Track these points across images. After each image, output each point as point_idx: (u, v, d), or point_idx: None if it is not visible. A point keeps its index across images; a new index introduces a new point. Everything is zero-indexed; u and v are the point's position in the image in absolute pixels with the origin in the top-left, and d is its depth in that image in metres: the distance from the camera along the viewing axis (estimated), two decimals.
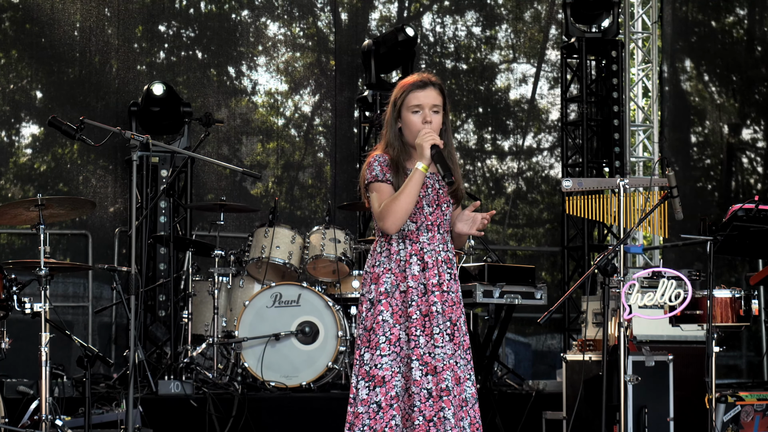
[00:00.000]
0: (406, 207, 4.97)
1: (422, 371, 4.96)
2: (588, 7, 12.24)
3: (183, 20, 11.67)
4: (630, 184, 7.40)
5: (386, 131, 5.14)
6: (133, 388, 5.81)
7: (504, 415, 8.79)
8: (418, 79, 5.12)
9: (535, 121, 13.10)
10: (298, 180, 12.17)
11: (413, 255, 5.04)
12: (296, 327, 8.98)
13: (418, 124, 5.05)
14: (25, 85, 11.08)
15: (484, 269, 8.52)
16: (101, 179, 11.04)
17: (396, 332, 5.00)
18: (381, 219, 5.00)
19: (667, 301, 6.70)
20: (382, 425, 4.94)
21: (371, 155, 5.13)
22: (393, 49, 11.45)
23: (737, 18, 13.82)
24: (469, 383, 5.05)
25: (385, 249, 5.08)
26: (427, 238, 5.07)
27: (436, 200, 5.10)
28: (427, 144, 4.97)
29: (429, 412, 4.93)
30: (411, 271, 5.03)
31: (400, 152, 5.09)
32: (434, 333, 4.98)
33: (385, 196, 5.02)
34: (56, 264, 7.12)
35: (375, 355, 4.98)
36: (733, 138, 13.44)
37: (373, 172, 5.05)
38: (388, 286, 5.04)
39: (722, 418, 7.53)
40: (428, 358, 4.96)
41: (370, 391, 4.97)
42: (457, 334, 5.04)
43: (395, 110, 5.12)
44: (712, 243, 7.07)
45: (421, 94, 5.07)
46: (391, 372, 4.97)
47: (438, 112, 5.09)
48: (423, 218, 5.07)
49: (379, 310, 5.01)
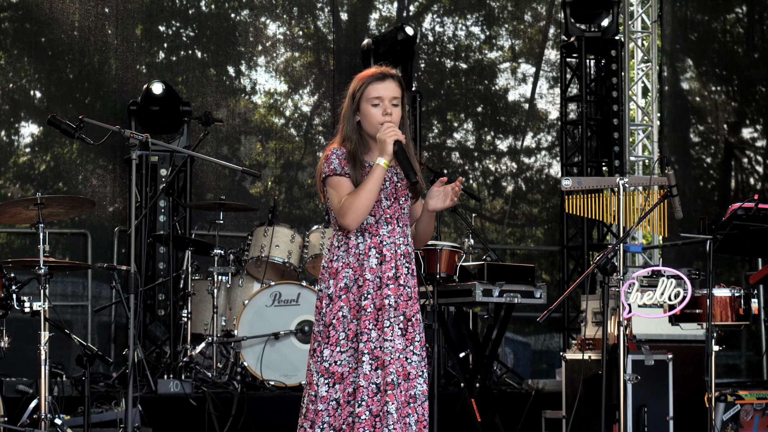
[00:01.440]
0: (367, 203, 4.90)
1: (372, 365, 4.89)
2: (587, 6, 12.24)
3: (182, 20, 11.68)
4: (629, 183, 7.40)
5: (343, 124, 5.07)
6: (132, 387, 5.80)
7: (503, 415, 8.79)
8: (377, 71, 5.06)
9: (534, 121, 13.10)
10: (297, 179, 12.17)
11: (372, 248, 4.96)
12: (295, 326, 8.98)
13: (378, 117, 4.99)
14: (25, 84, 11.08)
15: (484, 268, 8.51)
16: (101, 178, 11.04)
17: (353, 327, 4.93)
18: (341, 215, 4.93)
19: (666, 300, 6.70)
20: (340, 422, 4.89)
21: (328, 148, 5.04)
22: (392, 48, 11.45)
23: (737, 17, 13.82)
24: (421, 380, 4.96)
25: (343, 243, 5.00)
26: (387, 231, 4.99)
27: (394, 193, 5.03)
28: (390, 140, 4.90)
29: (376, 407, 4.86)
30: (369, 264, 4.95)
31: (358, 145, 5.02)
32: (384, 326, 4.91)
33: (344, 190, 4.95)
34: (55, 263, 7.11)
35: (335, 352, 4.92)
36: (733, 137, 13.44)
37: (331, 166, 4.97)
38: (347, 281, 4.96)
39: (722, 417, 7.53)
40: (378, 353, 4.89)
41: (330, 388, 4.91)
42: (410, 330, 4.96)
43: (353, 103, 5.06)
44: (712, 242, 7.06)
45: (381, 87, 5.02)
46: (349, 368, 4.91)
47: (397, 105, 5.02)
48: (381, 211, 5.00)
49: (339, 306, 4.94)
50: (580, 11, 12.25)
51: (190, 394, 8.31)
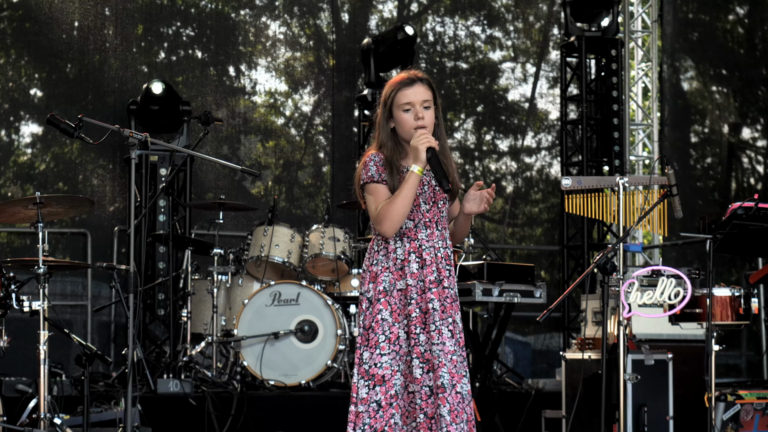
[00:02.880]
0: (402, 210, 4.95)
1: (423, 369, 4.96)
2: (588, 5, 12.23)
3: (183, 19, 11.67)
4: (629, 183, 7.39)
5: (378, 132, 5.11)
6: (131, 387, 5.80)
7: (503, 414, 8.79)
8: (405, 76, 5.09)
9: (534, 121, 13.09)
10: (297, 179, 12.16)
11: (411, 253, 5.03)
12: (295, 326, 8.98)
13: (410, 122, 5.02)
14: (25, 83, 11.08)
15: (484, 268, 8.51)
16: (101, 178, 11.04)
17: (395, 331, 4.99)
18: (378, 222, 4.99)
19: (666, 299, 6.69)
20: (382, 424, 4.93)
21: (366, 155, 5.09)
22: (392, 47, 11.44)
23: (737, 17, 13.82)
24: (465, 380, 5.03)
25: (382, 247, 5.07)
26: (426, 235, 5.05)
27: (432, 197, 5.07)
28: (423, 147, 4.94)
29: (431, 410, 4.94)
30: (410, 269, 5.01)
31: (394, 151, 5.06)
32: (431, 330, 4.97)
33: (381, 197, 5.00)
34: (55, 262, 7.11)
35: (375, 354, 4.97)
36: (733, 137, 13.43)
37: (369, 173, 5.02)
38: (386, 285, 5.02)
39: (722, 417, 7.52)
40: (429, 356, 4.96)
41: (370, 390, 4.96)
42: (456, 331, 5.04)
43: (386, 110, 5.09)
44: (712, 241, 7.06)
45: (410, 92, 5.04)
46: (391, 371, 4.96)
47: (429, 108, 5.05)
48: (420, 215, 5.05)
49: (378, 309, 5.00)
50: (581, 11, 12.25)
51: (189, 394, 8.31)
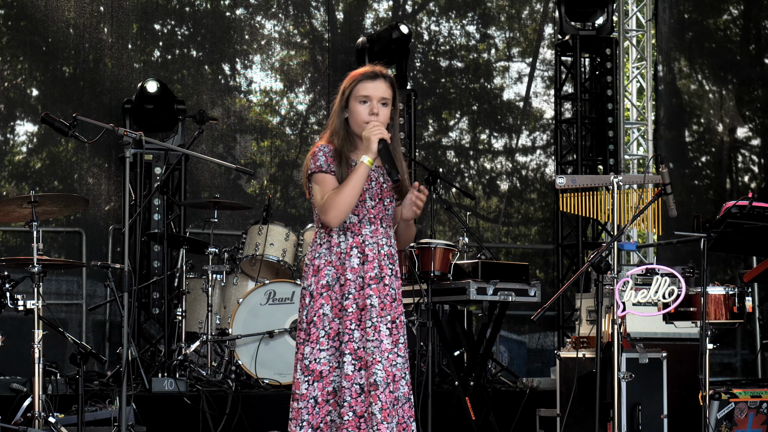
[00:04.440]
0: (350, 200, 4.91)
1: (355, 366, 4.91)
2: (582, 4, 12.23)
3: (177, 18, 11.67)
4: (624, 182, 7.40)
5: (333, 120, 5.07)
6: (126, 386, 5.80)
7: (498, 413, 8.78)
8: (369, 70, 5.06)
9: (529, 120, 13.10)
10: (292, 178, 12.17)
11: (354, 247, 4.97)
12: (290, 324, 8.98)
13: (364, 115, 4.99)
14: (20, 82, 11.08)
15: (478, 266, 8.50)
16: (95, 177, 11.04)
17: (335, 326, 4.95)
18: (323, 212, 4.93)
19: (660, 298, 6.70)
20: (317, 420, 4.90)
21: (316, 145, 5.06)
22: (387, 46, 11.45)
23: (732, 16, 13.83)
24: (404, 382, 4.97)
25: (325, 241, 5.02)
26: (370, 231, 5.01)
27: (379, 194, 5.04)
28: (375, 137, 4.91)
29: (360, 408, 4.88)
30: (350, 263, 4.96)
31: (345, 142, 5.02)
32: (367, 327, 4.92)
33: (328, 187, 4.95)
34: (50, 261, 7.11)
35: (314, 350, 4.93)
36: (728, 136, 13.45)
37: (317, 162, 4.98)
38: (329, 279, 4.97)
39: (716, 415, 7.53)
40: (362, 353, 4.91)
41: (309, 386, 4.92)
42: (395, 331, 4.98)
43: (343, 99, 5.05)
44: (706, 240, 7.07)
45: (371, 85, 5.01)
46: (329, 367, 4.92)
47: (386, 105, 5.02)
48: (365, 211, 5.01)
49: (320, 304, 4.96)
50: (575, 9, 12.25)
51: (184, 393, 8.30)
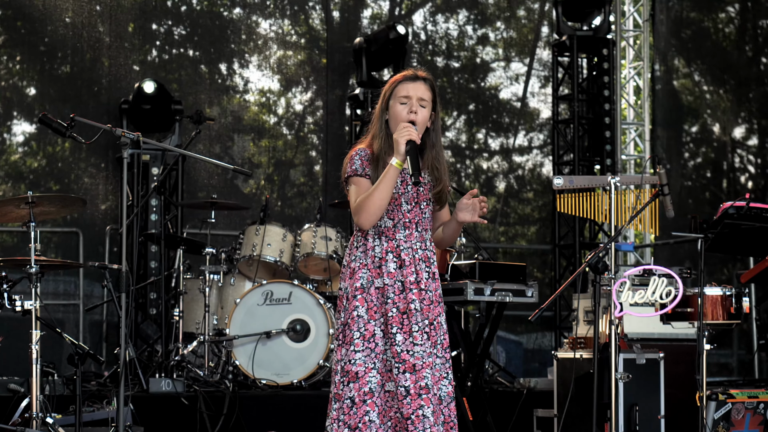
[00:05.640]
0: (379, 203, 4.95)
1: (399, 369, 4.94)
2: (579, 5, 12.24)
3: (175, 18, 11.66)
4: (621, 182, 7.39)
5: (374, 123, 5.13)
6: (123, 386, 5.79)
7: (495, 413, 8.79)
8: (410, 72, 5.13)
9: (526, 120, 13.10)
10: (289, 178, 12.16)
11: (389, 252, 5.02)
12: (287, 325, 8.97)
13: (402, 114, 5.03)
14: (17, 82, 11.07)
15: (475, 267, 8.51)
16: (93, 177, 11.03)
17: (371, 328, 4.98)
18: (356, 214, 4.99)
19: (658, 298, 6.70)
20: (355, 421, 4.93)
21: (354, 149, 5.11)
22: (384, 47, 11.45)
23: (729, 16, 13.83)
24: (445, 382, 5.02)
25: (361, 244, 5.07)
26: (404, 235, 5.05)
27: (415, 198, 5.08)
28: (402, 139, 4.94)
29: (407, 410, 4.91)
30: (387, 268, 5.01)
31: (384, 145, 5.06)
32: (413, 331, 4.96)
33: (362, 190, 5.00)
34: (47, 261, 7.10)
35: (349, 351, 4.97)
36: (725, 136, 13.45)
37: (353, 166, 5.04)
38: (363, 282, 5.02)
39: (713, 416, 7.53)
40: (406, 356, 4.94)
41: (344, 387, 4.96)
42: (433, 333, 5.02)
43: (384, 101, 5.11)
44: (703, 241, 7.07)
45: (410, 86, 5.07)
46: (365, 368, 4.95)
47: (425, 107, 5.07)
48: (401, 215, 5.05)
49: (354, 306, 5.00)
50: (572, 10, 12.26)
51: (181, 393, 8.30)
